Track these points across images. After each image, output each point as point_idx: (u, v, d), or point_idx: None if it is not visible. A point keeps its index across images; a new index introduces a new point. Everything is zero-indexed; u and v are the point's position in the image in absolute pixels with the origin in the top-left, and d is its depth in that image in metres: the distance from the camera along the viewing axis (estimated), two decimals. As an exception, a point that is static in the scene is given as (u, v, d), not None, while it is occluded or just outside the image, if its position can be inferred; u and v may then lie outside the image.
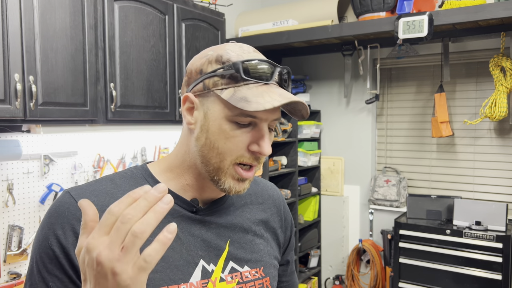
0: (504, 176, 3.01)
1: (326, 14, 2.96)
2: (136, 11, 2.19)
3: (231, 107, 0.72)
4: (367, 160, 3.47)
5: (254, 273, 0.84)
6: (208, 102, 0.75)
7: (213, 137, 0.74)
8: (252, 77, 0.73)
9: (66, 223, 0.69)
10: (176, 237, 0.76)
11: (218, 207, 0.84)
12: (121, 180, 0.78)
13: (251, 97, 0.71)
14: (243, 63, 0.73)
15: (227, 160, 0.74)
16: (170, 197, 0.50)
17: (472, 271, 2.72)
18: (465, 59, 3.08)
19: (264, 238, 0.89)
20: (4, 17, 1.65)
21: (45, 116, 1.79)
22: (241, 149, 0.74)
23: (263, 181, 1.00)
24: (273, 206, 0.95)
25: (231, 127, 0.73)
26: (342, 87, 3.52)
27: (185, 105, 0.78)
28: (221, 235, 0.81)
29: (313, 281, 3.52)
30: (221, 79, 0.73)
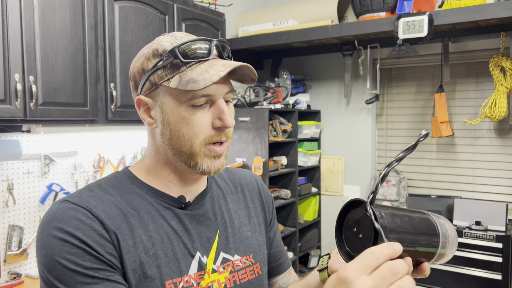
0: (504, 176, 3.01)
1: (326, 14, 2.96)
2: (136, 11, 2.19)
3: (182, 93, 0.74)
4: (367, 160, 3.47)
5: (245, 260, 0.87)
6: (160, 97, 0.77)
7: (176, 127, 0.76)
8: (192, 58, 0.74)
9: (80, 223, 0.70)
10: (172, 232, 0.79)
11: (204, 199, 0.86)
12: (107, 186, 0.79)
13: (197, 76, 0.72)
14: (179, 48, 0.74)
15: (196, 144, 0.76)
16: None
17: (472, 271, 2.72)
18: (465, 59, 3.08)
19: (250, 224, 0.92)
20: (4, 17, 1.65)
21: (45, 116, 1.80)
22: (206, 129, 0.76)
23: (239, 170, 1.03)
24: (253, 192, 0.98)
25: (189, 112, 0.75)
26: (342, 87, 3.52)
27: (140, 108, 0.80)
28: (210, 227, 0.84)
29: (313, 281, 3.51)
30: (164, 71, 0.75)
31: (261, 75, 3.76)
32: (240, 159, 3.00)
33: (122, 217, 0.75)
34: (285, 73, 3.32)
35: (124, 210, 0.76)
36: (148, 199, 0.80)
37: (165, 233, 0.78)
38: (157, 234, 0.77)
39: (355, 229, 0.59)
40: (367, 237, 0.57)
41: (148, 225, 0.77)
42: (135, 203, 0.78)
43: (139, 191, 0.80)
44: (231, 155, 3.04)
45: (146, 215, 0.78)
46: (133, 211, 0.77)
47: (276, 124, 3.06)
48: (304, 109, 3.40)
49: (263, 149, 2.92)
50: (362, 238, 0.58)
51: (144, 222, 0.77)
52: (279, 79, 3.34)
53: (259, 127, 2.93)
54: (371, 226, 0.56)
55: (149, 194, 0.81)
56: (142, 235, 0.75)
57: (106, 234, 0.71)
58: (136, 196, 0.79)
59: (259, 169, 2.88)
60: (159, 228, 0.78)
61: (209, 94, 0.75)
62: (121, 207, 0.76)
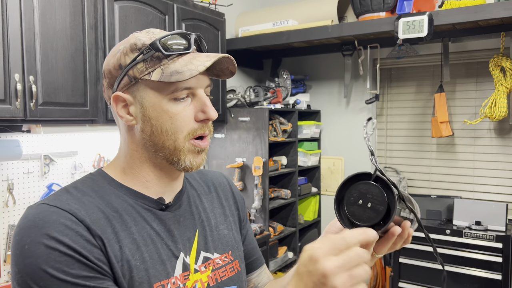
0: (504, 176, 3.01)
1: (326, 14, 2.96)
2: (136, 11, 2.19)
3: (165, 86, 0.73)
4: (367, 160, 3.47)
5: (224, 258, 0.87)
6: (140, 92, 0.75)
7: (158, 122, 0.75)
8: (174, 51, 0.74)
9: (65, 228, 0.67)
10: (155, 234, 0.77)
11: (181, 200, 0.86)
12: (85, 187, 0.76)
13: (181, 68, 0.72)
14: (160, 41, 0.73)
15: (180, 138, 0.75)
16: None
17: (472, 271, 2.72)
18: (465, 59, 3.08)
19: (226, 222, 0.93)
20: (4, 17, 1.65)
21: (45, 116, 1.80)
22: (189, 122, 0.75)
23: (209, 171, 1.03)
24: (225, 191, 0.99)
25: (171, 106, 0.74)
26: (342, 87, 3.52)
27: (118, 105, 0.77)
28: (190, 227, 0.84)
29: (313, 281, 3.51)
30: (144, 64, 0.74)
31: (261, 75, 3.76)
32: (240, 159, 3.00)
33: (106, 220, 0.72)
34: (285, 73, 3.32)
35: (106, 212, 0.73)
36: (127, 200, 0.77)
37: (148, 236, 0.76)
38: (141, 237, 0.75)
39: (360, 202, 0.64)
40: (380, 203, 0.62)
41: (131, 228, 0.75)
42: (115, 205, 0.75)
43: (118, 193, 0.78)
44: (231, 155, 3.05)
45: (128, 217, 0.75)
46: (114, 213, 0.74)
47: (276, 124, 3.06)
48: (304, 109, 3.40)
49: (263, 149, 2.92)
50: (372, 207, 0.63)
51: (127, 224, 0.75)
52: (279, 79, 3.34)
53: (259, 127, 2.93)
54: (380, 192, 0.62)
55: (128, 195, 0.78)
56: (127, 238, 0.73)
57: (92, 239, 0.68)
58: (116, 197, 0.77)
59: (259, 169, 2.88)
60: (142, 231, 0.76)
61: (191, 87, 0.75)
62: (103, 209, 0.73)
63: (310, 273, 0.57)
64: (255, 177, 2.90)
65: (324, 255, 0.56)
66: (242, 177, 3.01)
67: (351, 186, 0.65)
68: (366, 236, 0.58)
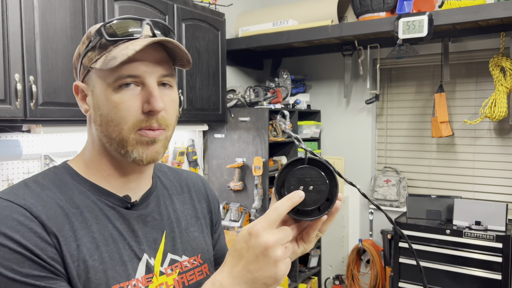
0: (504, 176, 3.01)
1: (326, 14, 2.96)
2: (136, 11, 2.19)
3: (108, 73, 0.70)
4: (367, 160, 3.48)
5: (193, 261, 0.84)
6: (92, 80, 0.73)
7: (105, 112, 0.71)
8: (120, 37, 0.70)
9: (17, 223, 0.64)
10: (117, 233, 0.74)
11: (149, 199, 0.82)
12: (45, 181, 0.73)
13: (117, 53, 0.68)
14: (105, 27, 0.70)
15: (124, 129, 0.71)
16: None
17: (472, 271, 2.72)
18: (465, 59, 3.08)
19: (197, 225, 0.89)
20: (5, 17, 1.65)
21: (45, 116, 1.80)
22: (134, 113, 0.70)
23: (184, 171, 0.99)
24: (199, 193, 0.95)
25: (117, 95, 0.70)
26: (342, 87, 3.52)
27: (78, 95, 0.76)
28: (157, 228, 0.80)
29: (313, 281, 3.52)
30: (93, 52, 0.72)
31: (261, 75, 3.76)
32: (240, 159, 3.00)
33: (64, 217, 0.69)
34: (285, 73, 3.32)
35: (66, 209, 0.70)
36: (91, 197, 0.74)
37: (110, 235, 0.73)
38: (101, 236, 0.71)
39: (301, 188, 0.65)
40: (321, 183, 0.65)
41: (91, 226, 0.71)
42: (77, 201, 0.72)
43: (81, 188, 0.74)
44: (231, 155, 3.05)
45: (90, 215, 0.72)
46: (75, 210, 0.71)
47: (276, 124, 3.06)
48: (304, 109, 3.40)
49: (263, 149, 2.92)
50: (314, 189, 0.65)
51: (87, 222, 0.71)
52: (279, 79, 3.34)
53: (259, 127, 2.93)
54: (318, 173, 0.65)
55: (92, 192, 0.75)
56: (86, 237, 0.69)
57: (47, 237, 0.65)
58: (78, 193, 0.73)
59: (259, 169, 2.88)
60: (103, 230, 0.72)
61: (136, 75, 0.70)
62: (62, 205, 0.70)
63: (251, 247, 0.61)
64: (255, 177, 2.90)
65: (263, 229, 0.60)
66: (242, 177, 3.01)
67: (288, 175, 0.66)
68: (294, 200, 0.63)
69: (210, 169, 3.16)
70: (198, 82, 2.63)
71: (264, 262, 0.60)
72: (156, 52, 0.72)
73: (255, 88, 3.14)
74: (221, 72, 2.84)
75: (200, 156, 3.13)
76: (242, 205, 3.00)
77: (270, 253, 0.60)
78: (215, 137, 3.11)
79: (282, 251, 0.61)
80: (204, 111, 2.71)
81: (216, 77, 2.81)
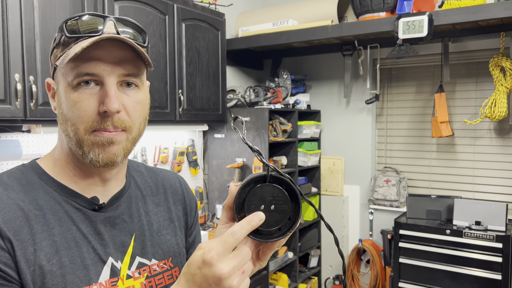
0: (504, 176, 3.01)
1: (326, 14, 2.96)
2: (136, 11, 2.19)
3: (68, 71, 0.68)
4: (367, 160, 3.48)
5: (163, 265, 0.82)
6: (57, 78, 0.71)
7: (64, 110, 0.70)
8: (81, 34, 0.68)
9: None
10: (81, 236, 0.72)
11: (120, 201, 0.79)
12: (10, 180, 0.71)
13: (71, 51, 0.66)
14: (67, 23, 0.68)
15: (80, 129, 0.68)
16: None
17: (472, 271, 2.72)
18: (465, 59, 3.08)
19: (170, 227, 0.87)
20: (5, 17, 1.65)
21: (45, 116, 1.80)
22: (90, 113, 0.68)
23: (162, 171, 0.95)
24: (176, 194, 0.92)
25: (75, 94, 0.68)
26: (342, 87, 3.52)
27: (50, 92, 0.75)
28: (126, 230, 0.78)
29: (313, 281, 3.52)
30: (57, 49, 0.70)
31: (261, 75, 3.76)
32: (240, 159, 3.00)
33: (23, 220, 0.66)
34: (285, 73, 3.32)
35: (27, 210, 0.68)
36: (56, 198, 0.72)
37: (73, 238, 0.70)
38: (63, 239, 0.69)
39: (262, 207, 0.60)
40: (283, 202, 0.60)
41: (53, 229, 0.69)
42: (41, 202, 0.70)
43: (47, 188, 0.72)
44: (231, 155, 3.05)
45: (52, 217, 0.70)
46: (37, 212, 0.69)
47: (276, 124, 3.06)
48: (304, 109, 3.40)
49: (263, 149, 2.92)
50: (276, 208, 0.60)
51: (49, 225, 0.69)
52: (279, 79, 3.34)
53: (259, 127, 2.93)
54: (281, 192, 0.60)
55: (58, 192, 0.73)
56: (45, 240, 0.67)
57: (0, 241, 0.63)
58: (44, 194, 0.71)
59: (259, 169, 2.88)
60: (66, 232, 0.70)
61: (94, 73, 0.67)
62: (23, 207, 0.68)
63: (204, 276, 0.57)
64: (255, 177, 2.90)
65: (218, 257, 0.56)
66: (242, 177, 3.01)
67: (248, 193, 0.61)
68: (253, 223, 0.58)
69: (210, 169, 3.16)
70: (198, 82, 2.63)
71: None
72: (119, 51, 0.69)
73: (255, 88, 3.14)
74: (221, 72, 2.85)
75: (200, 156, 3.13)
76: (242, 205, 3.00)
77: (225, 284, 0.56)
78: (215, 137, 3.11)
79: (238, 278, 0.57)
80: (204, 111, 2.71)
81: (216, 77, 2.81)
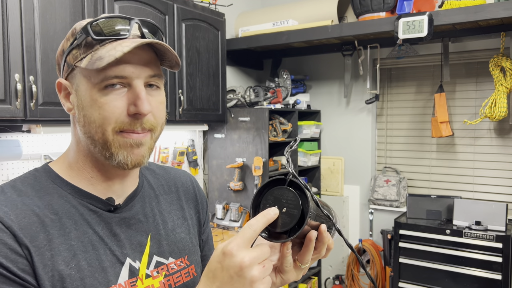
0: (504, 176, 3.01)
1: (326, 14, 2.96)
2: (136, 11, 2.19)
3: (94, 73, 0.67)
4: (367, 160, 3.48)
5: (179, 263, 0.82)
6: (76, 79, 0.70)
7: (88, 113, 0.69)
8: (107, 36, 0.68)
9: None
10: (98, 239, 0.72)
11: (134, 201, 0.80)
12: (24, 186, 0.71)
13: (104, 54, 0.66)
14: (92, 25, 0.68)
15: (108, 130, 0.68)
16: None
17: (472, 271, 2.72)
18: (465, 59, 3.08)
19: (184, 226, 0.87)
20: (5, 17, 1.65)
21: (45, 116, 1.80)
22: (119, 114, 0.68)
23: (173, 169, 0.96)
24: (188, 192, 0.93)
25: (101, 95, 0.68)
26: (342, 87, 3.52)
27: (61, 93, 0.74)
28: (142, 230, 0.78)
29: (313, 281, 3.52)
30: (78, 50, 0.69)
31: (261, 75, 3.76)
32: (240, 159, 3.00)
33: (39, 226, 0.66)
34: (285, 73, 3.32)
35: (43, 216, 0.67)
36: (71, 201, 0.72)
37: (89, 241, 0.70)
38: (80, 243, 0.69)
39: (276, 207, 0.62)
40: (294, 207, 0.62)
41: (70, 233, 0.69)
42: (56, 207, 0.70)
43: (62, 192, 0.72)
44: (231, 155, 3.05)
45: (68, 221, 0.70)
46: (53, 216, 0.69)
47: (276, 124, 3.06)
48: (304, 109, 3.40)
49: (263, 149, 2.92)
50: (287, 212, 0.62)
51: (65, 229, 0.69)
52: (279, 79, 3.34)
53: (259, 127, 2.93)
54: (294, 196, 0.61)
55: (73, 195, 0.72)
56: (62, 245, 0.67)
57: (18, 248, 0.63)
58: (58, 198, 0.71)
59: (259, 169, 2.88)
60: (83, 236, 0.70)
61: (123, 76, 0.67)
62: (39, 212, 0.67)
63: (226, 267, 0.58)
64: (255, 177, 2.90)
65: (238, 248, 0.57)
66: (242, 177, 3.01)
67: (267, 193, 0.63)
68: (269, 216, 0.60)
69: (210, 169, 3.16)
70: (198, 82, 2.63)
71: (239, 284, 0.57)
72: (144, 53, 0.70)
73: (255, 88, 3.14)
74: (221, 72, 2.85)
75: (200, 156, 3.13)
76: (242, 205, 3.00)
77: (246, 273, 0.57)
78: (215, 137, 3.11)
79: (259, 270, 0.58)
80: (204, 111, 2.71)
81: (216, 77, 2.81)
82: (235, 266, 0.57)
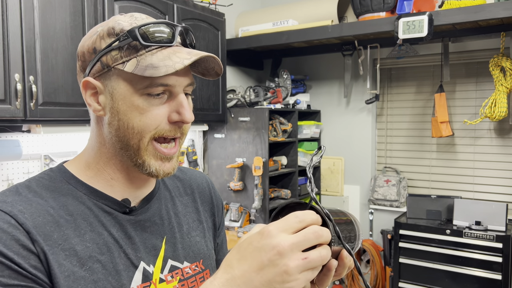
0: (504, 176, 3.01)
1: (326, 14, 2.96)
2: (136, 11, 2.19)
3: (138, 79, 0.66)
4: (367, 160, 3.48)
5: (194, 267, 0.80)
6: (112, 81, 0.68)
7: (126, 117, 0.68)
8: (153, 42, 0.67)
9: (0, 231, 0.61)
10: (113, 241, 0.70)
11: (150, 203, 0.78)
12: (39, 187, 0.69)
13: (158, 62, 0.65)
14: (139, 29, 0.66)
15: (146, 137, 0.68)
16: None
17: (472, 271, 2.72)
18: (465, 59, 3.08)
19: (199, 229, 0.85)
20: (5, 17, 1.65)
21: (45, 116, 1.80)
22: (160, 122, 0.68)
23: (190, 170, 0.94)
24: (203, 195, 0.91)
25: (143, 101, 0.67)
26: (342, 87, 3.52)
27: (87, 92, 0.71)
28: (156, 233, 0.77)
29: (313, 281, 3.51)
30: (119, 52, 0.67)
31: (261, 75, 3.76)
32: (240, 159, 3.00)
33: (54, 225, 0.65)
34: (285, 73, 3.32)
35: (57, 216, 0.66)
36: (86, 202, 0.70)
37: (104, 243, 0.69)
38: (95, 244, 0.68)
39: None
40: None
41: (85, 234, 0.68)
42: (71, 208, 0.69)
43: (77, 193, 0.71)
44: (231, 155, 3.05)
45: (83, 222, 0.69)
46: (68, 217, 0.67)
47: (276, 124, 3.06)
48: (304, 109, 3.40)
49: (263, 149, 2.92)
50: None
51: (80, 230, 0.68)
52: (279, 79, 3.34)
53: (259, 127, 2.93)
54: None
55: (88, 196, 0.71)
56: (77, 246, 0.66)
57: (30, 245, 0.62)
58: (73, 199, 0.70)
59: (259, 169, 2.88)
60: (98, 238, 0.69)
61: (168, 84, 0.67)
62: (53, 213, 0.66)
63: (259, 249, 0.50)
64: (255, 177, 2.90)
65: (278, 230, 0.50)
66: (242, 177, 3.01)
67: (288, 213, 0.58)
68: (317, 217, 0.53)
69: (210, 169, 3.16)
70: (198, 82, 2.64)
71: (269, 273, 0.49)
72: None
73: (255, 88, 3.14)
74: (221, 72, 2.84)
75: (200, 156, 3.13)
76: (242, 205, 3.00)
77: (279, 261, 0.48)
78: (215, 137, 3.11)
79: (297, 262, 0.48)
80: (204, 111, 2.71)
81: (216, 77, 2.80)
82: (269, 249, 0.48)
